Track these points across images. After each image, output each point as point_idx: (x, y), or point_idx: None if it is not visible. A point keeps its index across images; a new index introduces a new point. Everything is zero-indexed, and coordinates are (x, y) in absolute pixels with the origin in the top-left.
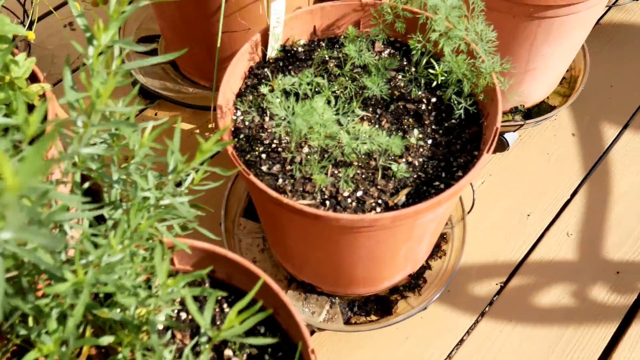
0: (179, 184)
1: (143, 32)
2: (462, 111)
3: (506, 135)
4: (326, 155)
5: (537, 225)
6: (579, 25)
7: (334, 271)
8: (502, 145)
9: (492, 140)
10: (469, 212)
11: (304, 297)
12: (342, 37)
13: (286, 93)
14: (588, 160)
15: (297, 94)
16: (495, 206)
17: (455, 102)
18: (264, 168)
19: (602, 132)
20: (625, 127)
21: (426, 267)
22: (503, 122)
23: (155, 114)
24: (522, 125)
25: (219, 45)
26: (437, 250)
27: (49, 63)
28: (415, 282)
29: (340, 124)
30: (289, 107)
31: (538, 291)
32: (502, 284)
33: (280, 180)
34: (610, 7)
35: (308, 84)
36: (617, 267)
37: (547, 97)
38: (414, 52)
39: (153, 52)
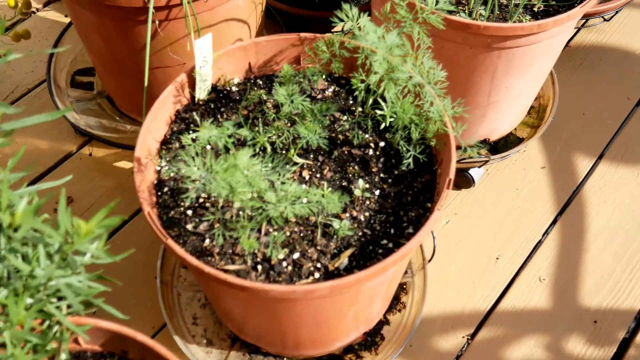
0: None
1: (79, 64)
2: (410, 160)
3: (471, 171)
4: (259, 212)
5: (507, 269)
6: (544, 54)
7: (277, 335)
8: (468, 182)
9: (444, 193)
10: (429, 261)
11: (249, 357)
12: (279, 76)
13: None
14: (561, 196)
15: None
16: (461, 249)
17: (404, 149)
18: (189, 227)
19: (574, 164)
20: (599, 157)
21: (384, 322)
22: (466, 159)
23: (90, 154)
24: (487, 161)
25: (146, 84)
26: (395, 303)
27: None
28: (371, 340)
29: (271, 179)
30: (205, 164)
31: (509, 344)
32: (470, 337)
33: (207, 241)
34: (579, 29)
35: (230, 136)
36: (594, 315)
37: (515, 129)
38: (357, 92)
39: (90, 86)
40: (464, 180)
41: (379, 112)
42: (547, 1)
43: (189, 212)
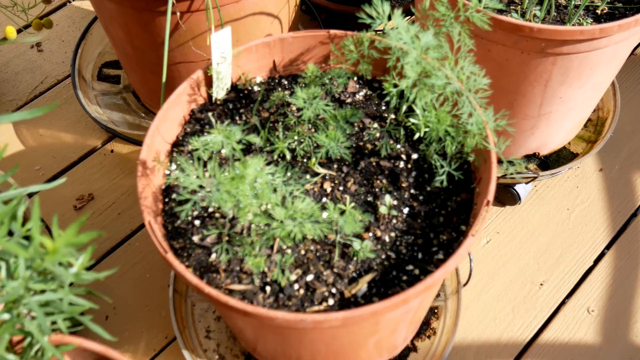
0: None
1: (108, 57)
2: (443, 177)
3: (517, 187)
4: (267, 230)
5: (552, 297)
6: (606, 63)
7: (292, 358)
8: (513, 198)
9: (480, 217)
10: (464, 285)
11: None
12: (304, 76)
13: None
14: (617, 219)
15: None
16: (502, 272)
17: (438, 164)
18: (196, 238)
19: (634, 184)
20: None
21: (411, 348)
22: (511, 174)
23: (112, 151)
24: (535, 178)
25: (164, 80)
26: (425, 328)
27: (10, 87)
28: None
29: (285, 192)
30: (208, 175)
31: None
32: None
33: (214, 256)
34: None
35: (240, 141)
36: None
37: (569, 143)
38: (388, 97)
39: (117, 80)
40: (509, 197)
41: (412, 120)
42: (612, 3)
43: (197, 222)
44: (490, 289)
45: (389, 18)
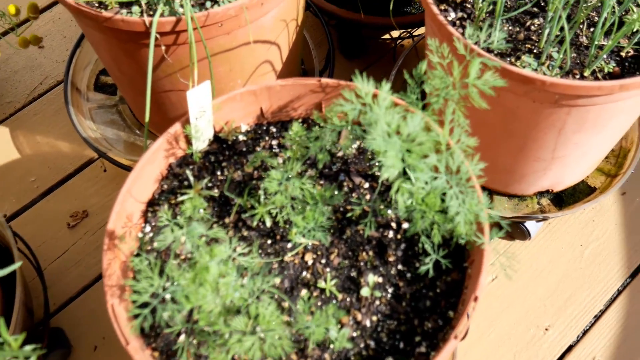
0: None
1: None
2: (430, 266)
3: (527, 224)
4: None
5: (557, 344)
6: (629, 111)
7: None
8: (523, 234)
9: (463, 321)
10: (462, 339)
11: None
12: (286, 138)
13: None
14: (633, 259)
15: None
16: (506, 314)
17: (428, 245)
18: (166, 315)
19: None
20: None
21: None
22: (521, 215)
23: (104, 170)
24: (546, 219)
25: (147, 116)
26: None
27: (9, 87)
28: None
29: (253, 289)
30: (164, 276)
31: None
32: None
33: (183, 337)
34: None
35: (201, 236)
36: None
37: (587, 176)
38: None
39: (114, 89)
40: (518, 232)
41: (405, 186)
42: (639, 44)
43: (168, 295)
44: (492, 333)
45: (375, 95)
